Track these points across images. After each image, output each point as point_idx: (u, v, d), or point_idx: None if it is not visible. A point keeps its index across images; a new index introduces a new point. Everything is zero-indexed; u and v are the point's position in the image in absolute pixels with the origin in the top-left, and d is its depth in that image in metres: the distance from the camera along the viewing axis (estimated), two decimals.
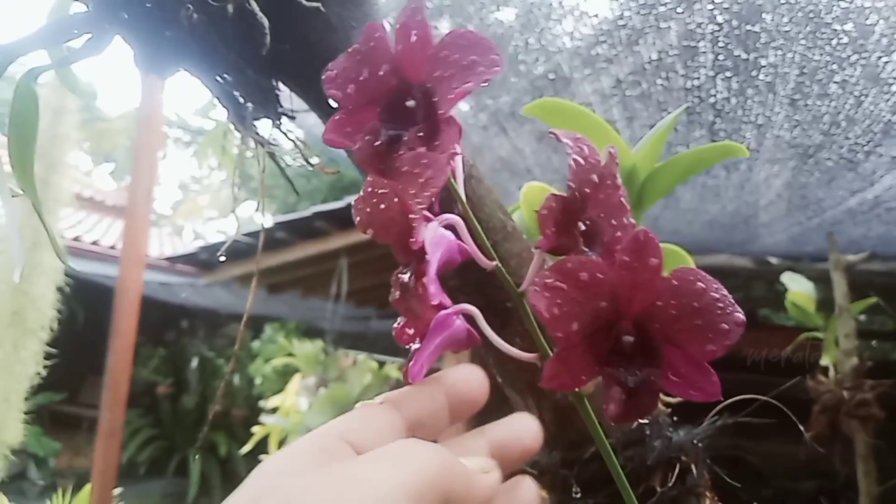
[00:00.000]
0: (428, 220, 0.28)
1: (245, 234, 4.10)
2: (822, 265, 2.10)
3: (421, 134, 0.28)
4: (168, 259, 4.83)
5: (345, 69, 0.30)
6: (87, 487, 1.28)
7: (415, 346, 0.33)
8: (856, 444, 1.41)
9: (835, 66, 0.88)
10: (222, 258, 4.12)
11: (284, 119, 0.43)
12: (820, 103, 1.02)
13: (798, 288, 1.48)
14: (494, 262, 0.31)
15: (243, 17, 0.38)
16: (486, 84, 0.27)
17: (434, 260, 0.27)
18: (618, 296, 0.28)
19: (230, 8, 0.37)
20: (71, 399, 5.95)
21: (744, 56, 0.89)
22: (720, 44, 0.87)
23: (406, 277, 0.28)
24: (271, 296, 4.53)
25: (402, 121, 0.29)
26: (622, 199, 0.33)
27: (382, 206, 0.30)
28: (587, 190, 0.31)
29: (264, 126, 0.44)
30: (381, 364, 3.90)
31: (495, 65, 0.27)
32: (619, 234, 0.32)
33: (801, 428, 0.60)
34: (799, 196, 1.68)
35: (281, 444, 3.28)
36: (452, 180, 0.31)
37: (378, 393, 0.33)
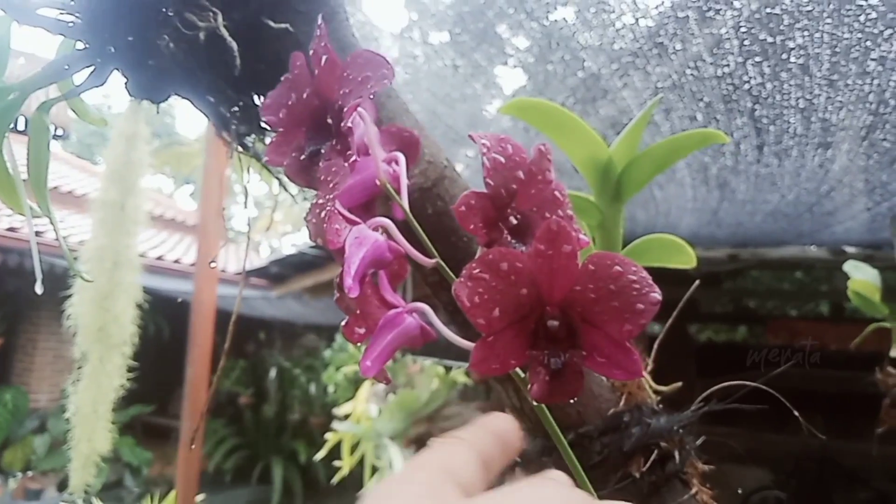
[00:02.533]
0: (354, 222, 0.30)
1: (312, 247, 4.24)
2: None
3: (338, 147, 0.30)
4: (242, 273, 5.03)
5: (278, 96, 0.33)
6: (173, 494, 1.37)
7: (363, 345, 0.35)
8: None
9: (869, 43, 0.84)
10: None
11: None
12: (860, 82, 0.98)
13: (861, 276, 1.42)
14: (434, 260, 0.33)
15: (215, 42, 0.41)
16: (372, 97, 0.29)
17: (353, 258, 0.29)
18: (538, 283, 0.30)
19: (202, 36, 0.40)
20: (160, 410, 6.28)
21: (769, 39, 0.87)
22: (742, 29, 0.85)
23: (338, 279, 0.30)
24: None
25: (324, 136, 0.31)
26: (556, 193, 0.34)
27: (322, 215, 0.32)
28: (514, 186, 0.33)
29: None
30: (448, 369, 3.93)
31: (385, 77, 0.29)
32: None
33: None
34: (861, 180, 1.60)
35: (353, 449, 3.36)
36: (389, 185, 0.33)
37: (446, 397, 0.34)
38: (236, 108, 0.43)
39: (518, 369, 0.34)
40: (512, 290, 0.30)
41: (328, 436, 3.53)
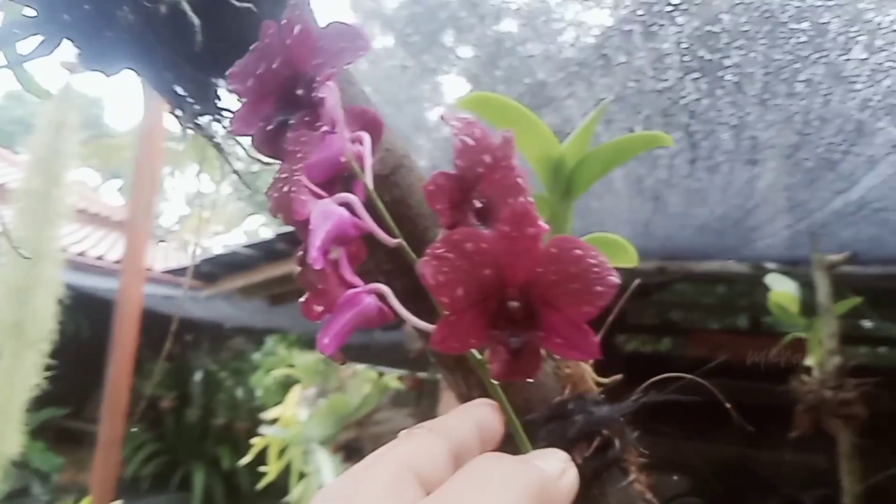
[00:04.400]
0: (320, 196, 0.30)
1: (246, 246, 4.14)
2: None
3: (307, 118, 0.30)
4: (170, 272, 4.87)
5: (246, 65, 0.33)
6: (86, 501, 1.30)
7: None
8: (839, 444, 1.41)
9: (798, 66, 0.89)
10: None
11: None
12: (789, 102, 1.04)
13: (782, 289, 1.49)
14: (398, 240, 0.33)
15: (177, 17, 0.40)
16: (349, 64, 0.30)
17: (318, 230, 0.29)
18: (501, 264, 0.30)
19: (163, 9, 0.39)
20: (76, 414, 5.99)
21: (708, 57, 0.92)
22: (683, 45, 0.89)
23: (301, 255, 0.30)
24: (273, 307, 4.56)
25: (293, 107, 0.31)
26: (518, 180, 0.35)
27: (284, 188, 0.32)
28: (480, 170, 0.33)
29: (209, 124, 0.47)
30: (381, 374, 3.91)
31: (361, 48, 0.29)
32: None
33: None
34: (784, 198, 1.69)
35: (281, 454, 3.29)
36: (354, 162, 0.33)
37: (377, 403, 0.33)
38: (193, 86, 0.42)
39: (475, 352, 0.34)
40: (476, 271, 0.30)
41: (254, 440, 3.45)
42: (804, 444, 1.45)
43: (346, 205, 0.32)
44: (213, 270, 4.33)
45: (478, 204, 0.33)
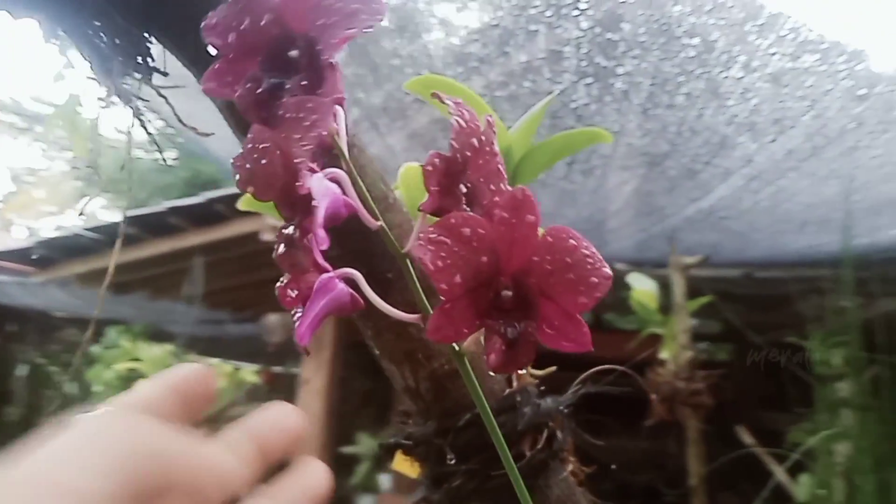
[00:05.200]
0: (313, 171, 0.28)
1: (88, 229, 3.79)
2: (662, 271, 2.28)
3: (304, 82, 0.27)
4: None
5: (225, 17, 0.29)
6: None
7: (297, 314, 0.32)
8: (688, 430, 1.54)
9: (682, 79, 0.96)
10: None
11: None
12: (668, 113, 1.11)
13: (643, 287, 1.60)
14: (379, 223, 0.31)
15: None
16: (369, 30, 0.27)
17: (322, 207, 0.26)
18: (497, 251, 0.29)
19: None
20: None
21: (603, 63, 0.96)
22: (583, 49, 0.93)
23: (291, 231, 0.27)
24: (116, 296, 4.21)
25: (284, 69, 0.28)
26: (499, 166, 0.34)
27: (264, 160, 0.29)
28: (468, 153, 0.32)
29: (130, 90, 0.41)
30: (236, 369, 3.74)
31: (378, 13, 0.27)
32: (496, 198, 0.33)
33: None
34: (645, 203, 1.81)
35: None
36: (335, 134, 0.30)
37: (233, 398, 0.30)
38: (123, 41, 0.37)
39: (454, 344, 0.33)
40: (473, 257, 0.29)
41: None
42: (658, 429, 1.57)
43: (336, 181, 0.29)
44: (47, 254, 3.92)
45: (463, 189, 0.32)
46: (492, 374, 0.44)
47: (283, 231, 0.27)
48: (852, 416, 1.85)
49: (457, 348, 0.33)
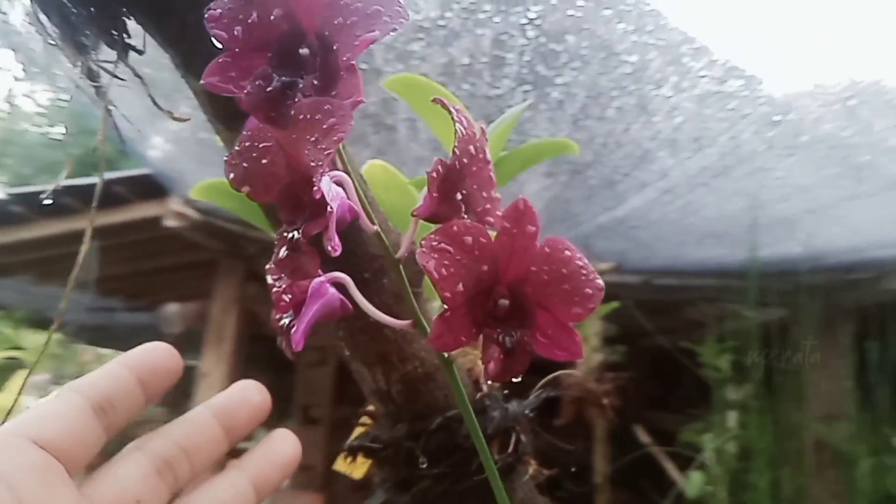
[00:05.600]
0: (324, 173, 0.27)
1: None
2: None
3: (317, 82, 0.26)
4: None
5: (231, 9, 0.28)
6: None
7: (284, 319, 0.31)
8: (595, 430, 1.61)
9: (615, 93, 1.00)
10: None
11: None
12: (597, 125, 1.15)
13: None
14: (376, 227, 0.31)
15: None
16: (393, 32, 0.27)
17: (336, 211, 0.26)
18: (497, 260, 0.30)
19: None
20: None
21: (543, 72, 0.98)
22: (526, 57, 0.95)
23: (295, 235, 0.26)
24: None
25: (295, 68, 0.27)
26: (491, 173, 0.34)
27: (264, 160, 0.28)
28: (465, 160, 0.32)
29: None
30: None
31: (400, 16, 0.26)
32: (488, 206, 0.33)
33: None
34: (563, 209, 1.87)
35: None
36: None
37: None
38: (99, 16, 0.34)
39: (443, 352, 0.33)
40: (475, 266, 0.29)
41: None
42: (569, 429, 1.63)
43: (340, 184, 0.29)
44: None
45: (459, 196, 0.32)
46: (490, 381, 0.44)
47: (286, 235, 0.26)
48: (742, 417, 2.00)
49: (445, 356, 0.33)
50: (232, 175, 0.28)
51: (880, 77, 1.09)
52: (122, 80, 0.36)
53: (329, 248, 0.25)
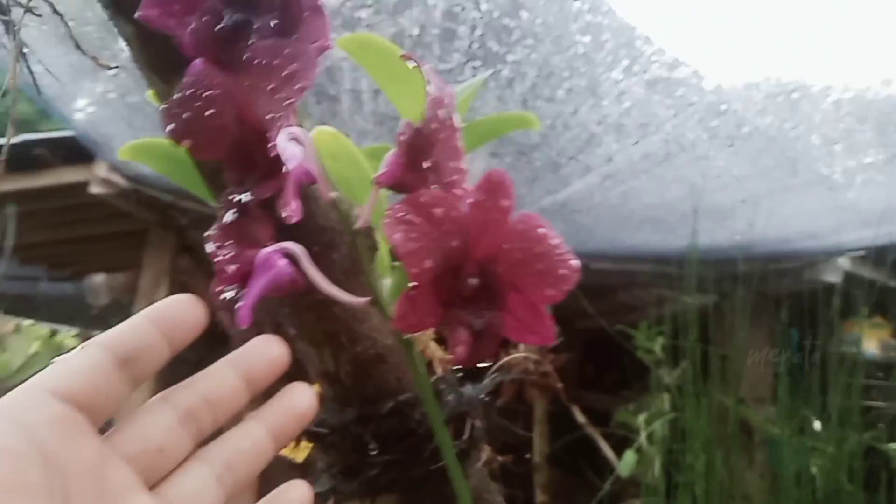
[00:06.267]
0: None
1: None
2: None
3: (276, 22, 0.23)
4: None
5: None
6: None
7: (228, 292, 0.28)
8: (535, 410, 1.62)
9: (567, 74, 0.99)
10: None
11: None
12: (546, 106, 1.14)
13: None
14: (335, 194, 0.28)
15: None
16: None
17: (293, 174, 0.23)
18: (468, 236, 0.27)
19: None
20: None
21: (495, 48, 0.96)
22: (478, 31, 0.92)
23: (245, 197, 0.23)
24: None
25: (251, 6, 0.24)
26: (459, 142, 0.32)
27: (209, 112, 0.24)
28: (434, 125, 0.30)
29: None
30: (54, 332, 3.38)
31: None
32: (456, 177, 0.31)
33: None
34: None
35: None
36: None
37: (47, 364, 0.29)
38: None
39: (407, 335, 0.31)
40: (444, 240, 0.27)
41: None
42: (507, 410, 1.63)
43: (298, 141, 0.26)
44: None
45: (425, 164, 0.29)
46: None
47: (233, 198, 0.23)
48: (675, 399, 2.05)
49: (405, 337, 0.30)
50: (171, 127, 0.25)
51: (820, 74, 1.13)
52: (37, 14, 0.32)
53: (285, 214, 0.22)
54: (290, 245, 0.29)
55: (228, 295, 0.28)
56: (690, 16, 0.94)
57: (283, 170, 0.22)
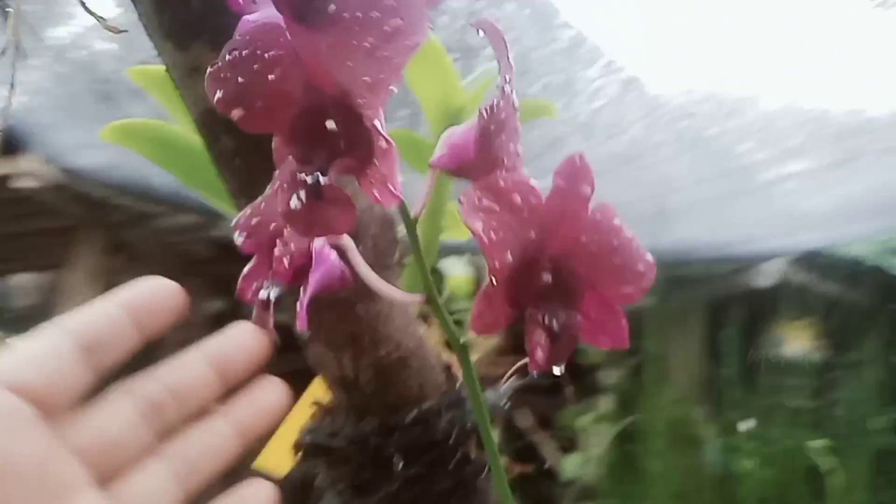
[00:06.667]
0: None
1: None
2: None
3: None
4: None
5: None
6: None
7: (266, 291, 0.24)
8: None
9: (545, 69, 0.96)
10: None
11: None
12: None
13: (457, 273, 1.62)
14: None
15: None
16: None
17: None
18: (546, 226, 0.24)
19: None
20: None
21: (473, 42, 0.93)
22: (459, 22, 0.89)
23: (315, 178, 0.19)
24: None
25: None
26: (518, 123, 0.29)
27: (271, 76, 0.20)
28: (503, 103, 0.27)
29: None
30: None
31: None
32: (517, 162, 0.28)
33: None
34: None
35: None
36: None
37: None
38: None
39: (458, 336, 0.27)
40: (523, 231, 0.24)
41: None
42: None
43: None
44: None
45: (497, 146, 0.26)
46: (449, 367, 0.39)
47: (302, 177, 0.19)
48: (615, 401, 2.08)
49: (461, 340, 0.27)
50: (220, 93, 0.21)
51: (756, 85, 1.16)
52: None
53: (387, 197, 0.19)
54: (342, 238, 0.25)
55: (269, 294, 0.24)
56: (634, 24, 0.94)
57: (381, 144, 0.19)
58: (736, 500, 1.89)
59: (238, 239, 0.26)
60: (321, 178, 0.19)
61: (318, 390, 0.45)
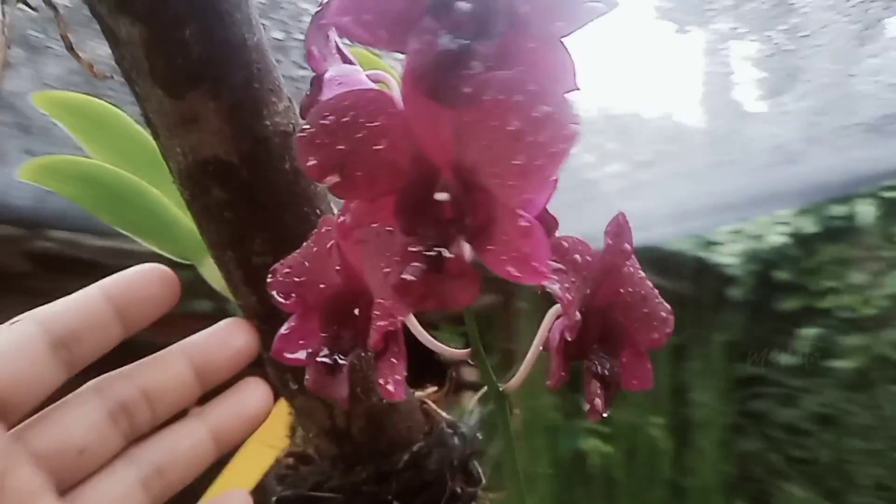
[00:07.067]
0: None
1: None
2: None
3: (493, 51, 0.18)
4: None
5: None
6: None
7: (330, 355, 0.23)
8: None
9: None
10: None
11: None
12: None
13: None
14: None
15: None
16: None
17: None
18: (597, 282, 0.25)
19: None
20: None
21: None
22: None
23: (437, 253, 0.18)
24: None
25: (471, 28, 0.18)
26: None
27: (378, 146, 0.19)
28: None
29: None
30: None
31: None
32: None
33: None
34: None
35: None
36: None
37: None
38: None
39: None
40: (583, 288, 0.24)
41: None
42: None
43: None
44: None
45: None
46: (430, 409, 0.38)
47: (423, 251, 0.18)
48: (478, 396, 2.16)
49: (500, 388, 0.27)
50: (314, 159, 0.19)
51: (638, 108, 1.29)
52: None
53: (521, 274, 0.18)
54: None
55: (327, 360, 0.23)
56: None
57: (521, 223, 0.18)
58: (586, 474, 2.05)
59: (277, 298, 0.24)
60: (444, 252, 0.19)
61: (269, 431, 0.42)
